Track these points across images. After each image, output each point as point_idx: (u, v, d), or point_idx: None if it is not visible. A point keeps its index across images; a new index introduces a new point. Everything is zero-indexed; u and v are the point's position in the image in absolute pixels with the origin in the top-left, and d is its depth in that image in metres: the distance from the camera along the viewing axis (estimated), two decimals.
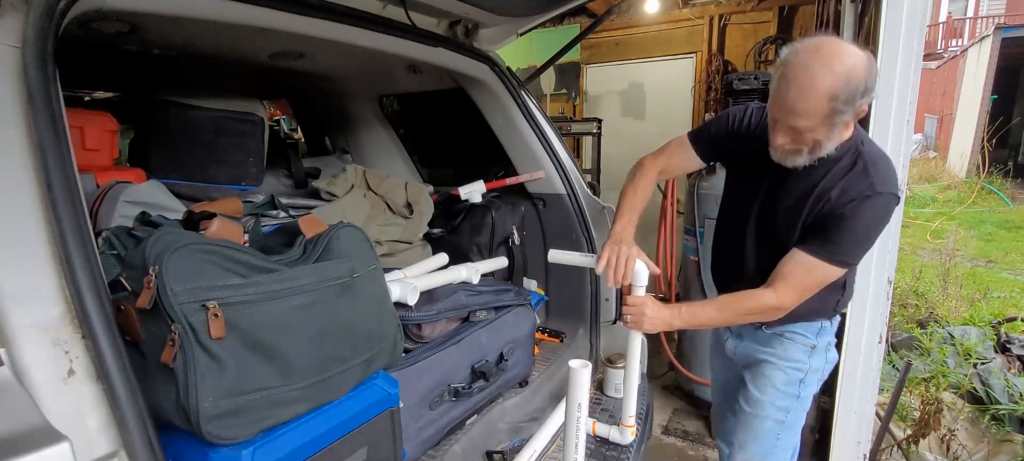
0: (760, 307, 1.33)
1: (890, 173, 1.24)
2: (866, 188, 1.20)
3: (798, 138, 1.18)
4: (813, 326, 1.45)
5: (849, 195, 1.21)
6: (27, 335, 0.68)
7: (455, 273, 1.72)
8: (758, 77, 2.66)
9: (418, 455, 1.38)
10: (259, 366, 0.89)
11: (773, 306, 1.30)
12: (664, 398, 3.23)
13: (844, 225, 1.21)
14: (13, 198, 0.71)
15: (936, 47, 14.48)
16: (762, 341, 1.49)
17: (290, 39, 1.41)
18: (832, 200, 1.22)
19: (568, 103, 5.20)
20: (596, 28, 4.29)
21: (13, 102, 0.74)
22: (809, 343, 1.45)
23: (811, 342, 1.45)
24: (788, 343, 1.45)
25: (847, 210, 1.20)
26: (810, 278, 1.28)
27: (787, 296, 1.29)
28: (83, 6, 0.88)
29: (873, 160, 1.23)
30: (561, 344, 2.08)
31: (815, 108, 1.11)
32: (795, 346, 1.45)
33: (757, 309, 1.34)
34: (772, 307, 1.31)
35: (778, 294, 1.29)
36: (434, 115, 2.54)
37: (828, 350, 1.48)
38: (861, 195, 1.20)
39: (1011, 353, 3.31)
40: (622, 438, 1.61)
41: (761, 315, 1.36)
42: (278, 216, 1.72)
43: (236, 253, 0.90)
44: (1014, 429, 2.63)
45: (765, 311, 1.33)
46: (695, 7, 4.52)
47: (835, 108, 1.11)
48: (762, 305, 1.32)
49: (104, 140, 1.63)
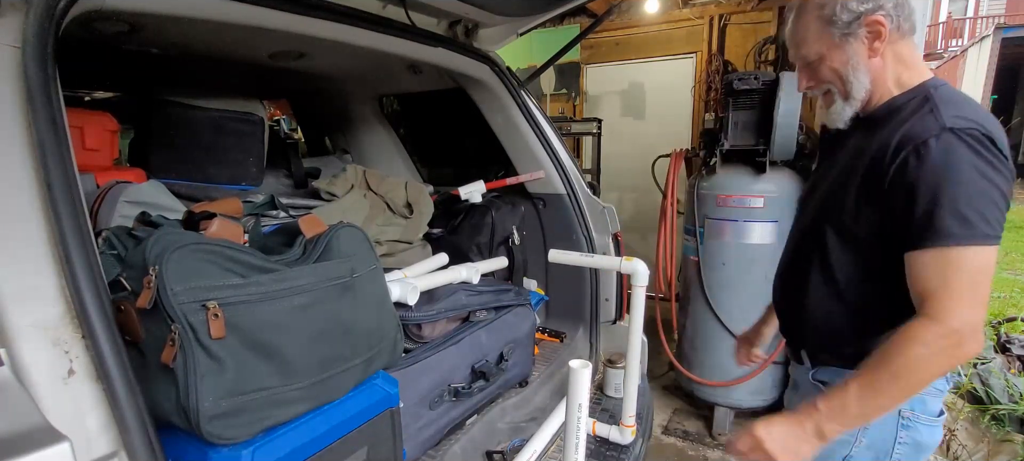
0: (925, 352, 0.88)
1: (970, 108, 0.94)
2: (931, 126, 0.91)
3: (815, 74, 1.06)
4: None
5: (909, 139, 0.92)
6: (27, 335, 0.68)
7: (455, 273, 1.72)
8: (758, 77, 2.66)
9: (418, 455, 1.38)
10: (259, 366, 0.89)
11: (943, 336, 0.87)
12: (664, 398, 3.23)
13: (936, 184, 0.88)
14: (13, 198, 0.71)
15: (936, 47, 14.49)
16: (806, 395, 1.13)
17: (290, 39, 1.41)
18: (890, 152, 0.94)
19: (568, 103, 5.20)
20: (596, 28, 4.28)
21: (13, 102, 0.74)
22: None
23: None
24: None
25: (921, 153, 0.90)
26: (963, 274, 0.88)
27: (953, 312, 0.87)
28: (83, 6, 0.88)
29: (947, 99, 0.95)
30: (561, 344, 2.08)
31: (809, 27, 1.03)
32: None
33: (924, 357, 0.88)
34: (944, 337, 0.87)
35: (936, 318, 0.88)
36: (434, 115, 2.54)
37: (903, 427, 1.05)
38: (923, 137, 0.90)
39: (1011, 353, 3.31)
40: (622, 438, 1.61)
41: (940, 362, 0.90)
42: (278, 216, 1.71)
43: (236, 253, 0.91)
44: (1014, 429, 2.63)
45: (940, 353, 0.88)
46: (695, 7, 4.52)
47: (828, 18, 1.00)
48: (924, 345, 0.88)
49: (104, 140, 1.63)
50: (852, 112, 1.06)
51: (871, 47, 1.00)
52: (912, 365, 0.89)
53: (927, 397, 1.05)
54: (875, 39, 1.00)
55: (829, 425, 0.95)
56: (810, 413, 0.96)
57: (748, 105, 2.70)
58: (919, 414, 1.05)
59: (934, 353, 0.88)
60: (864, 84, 1.03)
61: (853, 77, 1.02)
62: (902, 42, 1.02)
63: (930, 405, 1.07)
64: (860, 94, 1.03)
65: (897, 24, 0.99)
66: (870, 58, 1.01)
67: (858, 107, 1.05)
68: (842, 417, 0.95)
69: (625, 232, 2.17)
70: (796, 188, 2.66)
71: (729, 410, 2.88)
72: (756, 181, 2.62)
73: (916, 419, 1.05)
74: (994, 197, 0.89)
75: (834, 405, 0.95)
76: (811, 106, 3.16)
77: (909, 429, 1.06)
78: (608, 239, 2.07)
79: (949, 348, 0.88)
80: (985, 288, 0.90)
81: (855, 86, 1.03)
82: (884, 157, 0.95)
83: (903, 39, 1.02)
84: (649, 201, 4.41)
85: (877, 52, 1.01)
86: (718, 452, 2.79)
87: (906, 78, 1.02)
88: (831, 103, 1.07)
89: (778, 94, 2.53)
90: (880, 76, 1.03)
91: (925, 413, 1.06)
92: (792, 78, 2.55)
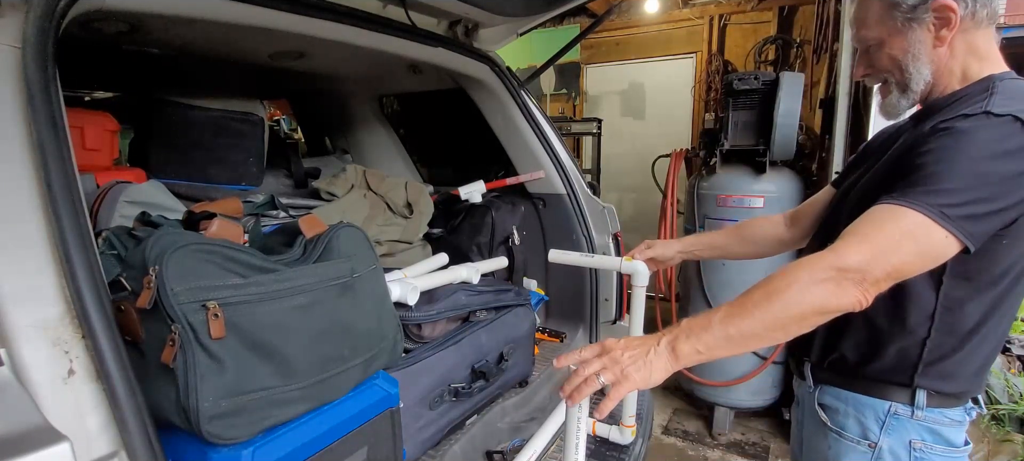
0: (805, 279, 0.79)
1: None
2: (976, 108, 0.82)
3: (872, 61, 0.96)
4: (874, 406, 0.94)
5: (948, 116, 0.84)
6: (27, 335, 0.68)
7: (455, 273, 1.72)
8: (758, 77, 2.66)
9: (418, 455, 1.38)
10: (259, 366, 0.89)
11: (831, 266, 0.78)
12: (664, 398, 3.24)
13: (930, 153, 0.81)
14: (13, 198, 0.71)
15: None
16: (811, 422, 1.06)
17: (290, 39, 1.40)
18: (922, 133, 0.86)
19: (568, 103, 5.20)
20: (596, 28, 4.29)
21: (13, 102, 0.74)
22: (866, 439, 0.96)
23: (870, 438, 0.95)
24: (833, 438, 1.00)
25: (943, 132, 0.82)
26: (887, 226, 0.79)
27: (850, 250, 0.79)
28: (83, 6, 0.88)
29: (1009, 91, 0.84)
30: (561, 344, 2.08)
31: (870, 8, 0.92)
32: (843, 446, 0.98)
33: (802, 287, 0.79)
34: (832, 269, 0.78)
35: (832, 250, 0.80)
36: (434, 115, 2.54)
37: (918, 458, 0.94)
38: (964, 115, 0.82)
39: (1011, 353, 3.31)
40: (622, 438, 1.61)
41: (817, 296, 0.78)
42: (278, 216, 1.71)
43: (236, 253, 0.90)
44: (1014, 429, 2.63)
45: (822, 284, 0.78)
46: (695, 7, 4.53)
47: (891, 1, 0.89)
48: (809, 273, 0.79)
49: (104, 140, 1.63)
50: (908, 106, 0.95)
51: (938, 35, 0.88)
52: (786, 289, 0.79)
53: (942, 427, 0.94)
54: (943, 26, 0.87)
55: (685, 343, 0.81)
56: (670, 328, 0.84)
57: (748, 105, 2.70)
58: (932, 445, 0.94)
59: (813, 282, 0.78)
60: (924, 76, 0.91)
61: (913, 67, 0.91)
62: (977, 31, 0.89)
63: (947, 436, 0.94)
64: (919, 87, 0.92)
65: (972, 11, 0.87)
66: (935, 48, 0.89)
67: (915, 101, 0.94)
68: (702, 336, 0.81)
69: (625, 232, 2.17)
70: (796, 188, 2.66)
71: (729, 410, 2.88)
72: (756, 181, 2.62)
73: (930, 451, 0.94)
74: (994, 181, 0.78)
75: (697, 322, 0.83)
76: (811, 106, 3.16)
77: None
78: (608, 239, 2.07)
79: (829, 282, 0.78)
80: (906, 254, 0.78)
81: (915, 78, 0.91)
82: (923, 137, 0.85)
83: (978, 28, 0.89)
84: (649, 201, 4.42)
85: (944, 41, 0.88)
86: (718, 452, 2.79)
87: (974, 70, 0.90)
88: (887, 94, 0.96)
89: (778, 94, 2.53)
90: (944, 68, 0.91)
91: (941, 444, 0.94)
92: (792, 78, 2.55)
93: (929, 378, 0.92)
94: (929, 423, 0.93)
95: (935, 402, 0.92)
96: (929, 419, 0.93)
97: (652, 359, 0.82)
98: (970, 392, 0.94)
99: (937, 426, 0.93)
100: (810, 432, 1.08)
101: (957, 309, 0.89)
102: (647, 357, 0.83)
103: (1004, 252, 0.85)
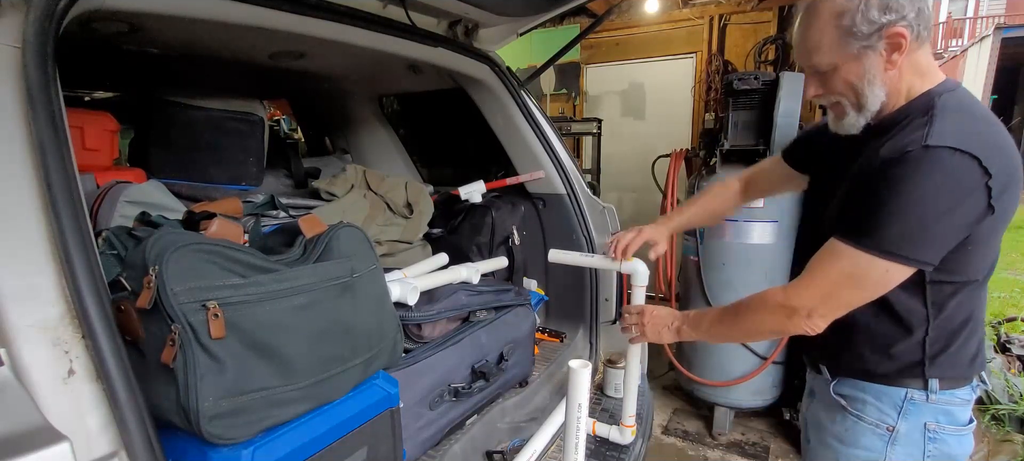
0: (764, 309, 1.02)
1: (965, 126, 0.89)
2: (916, 141, 0.88)
3: (826, 83, 1.00)
4: (891, 394, 1.03)
5: (891, 151, 0.90)
6: (27, 335, 0.68)
7: (455, 273, 1.72)
8: (758, 77, 2.66)
9: (418, 455, 1.38)
10: (259, 366, 0.89)
11: (781, 305, 1.00)
12: (664, 398, 3.24)
13: (874, 191, 0.90)
14: (13, 198, 0.71)
15: (936, 47, 14.49)
16: (827, 405, 1.14)
17: (290, 39, 1.40)
18: (872, 160, 0.93)
19: (568, 103, 5.20)
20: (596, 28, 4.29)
21: (13, 102, 0.74)
22: (884, 423, 1.04)
23: (887, 422, 1.03)
24: (852, 421, 1.07)
25: (881, 170, 0.90)
26: (832, 269, 0.95)
27: (801, 292, 0.97)
28: (83, 6, 0.88)
29: (947, 110, 0.91)
30: (561, 344, 2.08)
31: (823, 35, 0.96)
32: (861, 428, 1.06)
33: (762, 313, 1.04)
34: (781, 306, 1.00)
35: (788, 289, 0.99)
36: (434, 115, 2.54)
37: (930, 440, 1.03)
38: (903, 150, 0.88)
39: (1011, 353, 3.31)
40: (622, 438, 1.61)
41: (772, 323, 1.04)
42: (278, 216, 1.71)
43: (236, 253, 0.90)
44: (1014, 429, 2.63)
45: (774, 315, 1.02)
46: (695, 7, 4.52)
47: (846, 28, 0.93)
48: (766, 305, 1.02)
49: (104, 140, 1.63)
50: (865, 123, 1.01)
51: (889, 59, 0.95)
52: (752, 313, 1.07)
53: (953, 407, 1.03)
54: (894, 51, 0.94)
55: (685, 329, 1.21)
56: (682, 315, 1.23)
57: (748, 105, 2.70)
58: (945, 425, 1.03)
59: (769, 312, 1.03)
60: (879, 97, 0.98)
61: (868, 90, 0.97)
62: (920, 50, 0.97)
63: (957, 415, 1.03)
64: (875, 106, 0.98)
65: (917, 33, 0.94)
66: (886, 71, 0.96)
67: (871, 118, 1.01)
68: (695, 329, 1.20)
69: None
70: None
71: (729, 410, 2.88)
72: None
73: (942, 430, 1.03)
74: (932, 221, 0.87)
75: (694, 318, 1.21)
76: (811, 106, 3.16)
77: (937, 441, 1.03)
78: (608, 239, 2.07)
79: (780, 316, 1.01)
80: (848, 293, 0.95)
81: (870, 99, 0.97)
82: (871, 169, 0.93)
83: (921, 47, 0.97)
84: (649, 201, 4.41)
85: (895, 64, 0.95)
86: (718, 452, 2.79)
87: (917, 86, 0.97)
88: (842, 115, 1.02)
89: (778, 94, 2.53)
90: (895, 87, 0.98)
91: (952, 424, 1.03)
92: (792, 78, 2.55)
93: (937, 368, 1.01)
94: (943, 404, 1.03)
95: (947, 385, 1.02)
96: (942, 401, 1.02)
97: (661, 332, 1.26)
98: (974, 371, 1.05)
99: (949, 407, 1.03)
100: (824, 415, 1.16)
101: (946, 309, 0.99)
102: (659, 330, 1.26)
103: (973, 255, 0.95)
